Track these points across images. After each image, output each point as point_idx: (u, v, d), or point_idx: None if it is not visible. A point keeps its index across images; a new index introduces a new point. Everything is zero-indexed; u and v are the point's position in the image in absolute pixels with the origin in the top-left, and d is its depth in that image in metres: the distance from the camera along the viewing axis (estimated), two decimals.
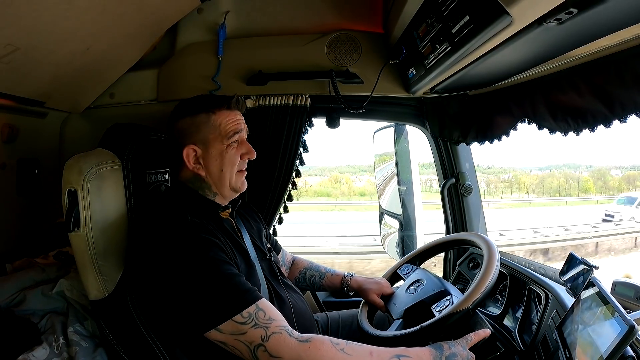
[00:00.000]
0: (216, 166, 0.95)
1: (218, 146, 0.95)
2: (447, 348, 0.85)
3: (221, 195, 0.99)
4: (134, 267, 0.89)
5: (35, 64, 1.06)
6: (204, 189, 0.98)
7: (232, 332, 0.77)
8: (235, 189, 0.99)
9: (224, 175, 0.96)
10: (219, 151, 0.95)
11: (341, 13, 1.43)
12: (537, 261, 1.28)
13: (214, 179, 0.97)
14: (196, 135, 0.94)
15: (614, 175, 32.50)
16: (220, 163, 0.95)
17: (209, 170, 0.96)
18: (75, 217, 0.88)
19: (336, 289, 1.25)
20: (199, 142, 0.94)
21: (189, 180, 0.98)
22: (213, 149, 0.95)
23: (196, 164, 0.95)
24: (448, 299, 1.00)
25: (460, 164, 1.53)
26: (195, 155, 0.95)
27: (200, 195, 0.98)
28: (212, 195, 0.99)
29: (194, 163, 0.95)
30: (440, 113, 1.45)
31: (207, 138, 0.94)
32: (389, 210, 2.03)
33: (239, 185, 1.00)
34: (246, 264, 0.94)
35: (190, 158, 0.94)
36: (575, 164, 34.23)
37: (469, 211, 1.54)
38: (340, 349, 0.79)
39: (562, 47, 0.86)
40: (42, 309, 1.05)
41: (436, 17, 0.93)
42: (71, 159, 0.92)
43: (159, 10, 1.19)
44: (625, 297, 1.00)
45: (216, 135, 0.95)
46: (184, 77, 1.43)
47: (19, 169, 1.32)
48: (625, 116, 0.80)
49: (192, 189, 0.98)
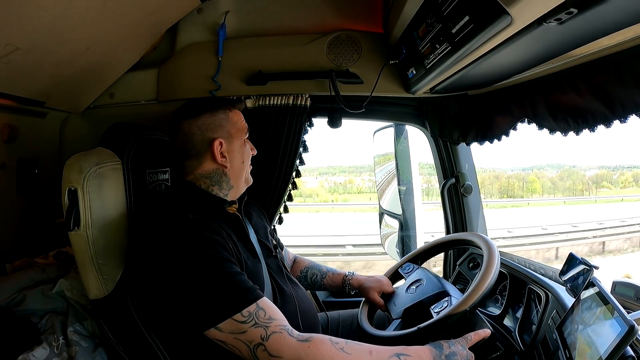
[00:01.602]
0: (239, 159, 1.01)
1: (239, 140, 1.01)
2: (447, 347, 0.85)
3: (236, 189, 1.02)
4: (134, 266, 0.89)
5: (35, 64, 1.06)
6: (221, 183, 0.99)
7: (231, 331, 0.77)
8: (247, 181, 1.05)
9: (244, 167, 1.02)
10: (240, 145, 1.01)
11: (341, 13, 1.43)
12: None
13: (235, 172, 1.00)
14: (220, 130, 0.98)
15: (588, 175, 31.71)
16: (242, 155, 1.01)
17: (233, 163, 0.99)
18: (75, 216, 0.88)
19: (337, 288, 1.26)
20: (224, 136, 0.98)
21: (206, 176, 0.97)
22: (236, 142, 1.00)
23: (222, 157, 0.98)
24: (447, 300, 1.00)
25: (460, 164, 1.53)
26: (221, 148, 0.97)
27: (209, 194, 0.97)
28: (228, 188, 1.00)
29: (221, 156, 0.97)
30: (440, 113, 1.45)
31: (230, 133, 0.99)
32: (389, 210, 2.03)
33: (249, 177, 1.06)
34: (252, 259, 0.94)
35: (218, 150, 0.97)
36: (559, 164, 33.74)
37: (469, 211, 1.54)
38: (340, 348, 0.80)
39: (562, 47, 0.86)
40: (42, 309, 1.05)
41: (436, 17, 0.93)
42: (71, 158, 0.92)
43: (159, 10, 1.19)
44: (625, 297, 0.99)
45: (236, 130, 1.00)
46: (184, 77, 1.43)
47: (19, 169, 1.33)
48: (626, 116, 0.80)
49: (201, 188, 0.97)
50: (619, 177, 30.10)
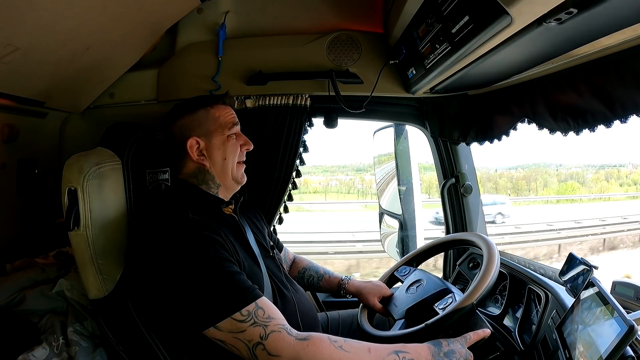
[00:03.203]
0: (219, 155, 0.99)
1: (219, 137, 0.99)
2: (446, 345, 0.85)
3: (224, 187, 1.01)
4: (134, 265, 0.89)
5: (35, 64, 1.06)
6: (207, 181, 0.99)
7: (231, 330, 0.77)
8: (236, 180, 1.02)
9: (227, 164, 1.00)
10: (221, 141, 0.99)
11: (341, 13, 1.43)
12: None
13: (218, 169, 0.99)
14: (198, 129, 0.98)
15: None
16: (224, 152, 0.99)
17: (213, 160, 0.98)
18: (75, 216, 0.88)
19: (333, 292, 1.25)
20: (201, 134, 0.98)
21: (192, 175, 0.99)
22: (215, 139, 0.99)
23: (200, 155, 0.98)
24: (450, 296, 1.00)
25: (460, 164, 1.53)
26: (198, 147, 0.98)
27: (202, 191, 0.98)
28: (216, 187, 1.00)
29: (197, 155, 0.97)
30: (440, 113, 1.45)
31: (208, 130, 0.98)
32: (389, 210, 2.03)
33: (240, 176, 1.03)
34: (251, 260, 0.94)
35: (194, 149, 0.97)
36: (546, 163, 33.24)
37: (469, 211, 1.54)
38: (339, 346, 0.80)
39: (562, 47, 0.86)
40: (42, 309, 1.05)
41: (436, 17, 0.93)
42: (71, 158, 0.92)
43: (159, 10, 1.19)
44: (625, 297, 0.99)
45: (217, 126, 0.99)
46: (184, 77, 1.42)
47: (19, 169, 1.32)
48: (626, 116, 0.80)
49: (194, 185, 0.99)
50: (594, 176, 29.68)
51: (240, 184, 1.04)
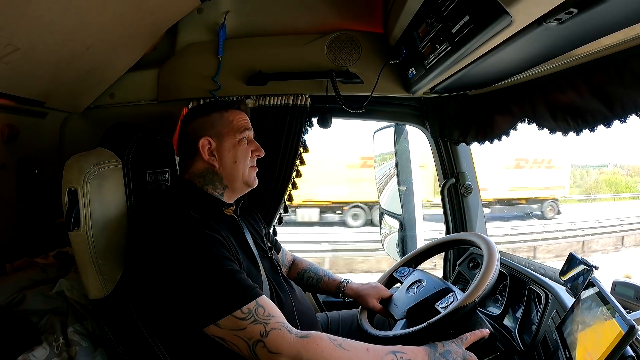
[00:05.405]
0: (230, 158, 0.99)
1: (231, 140, 1.00)
2: (441, 346, 0.87)
3: (231, 189, 1.02)
4: (134, 265, 0.89)
5: (35, 64, 1.06)
6: (214, 182, 0.99)
7: (231, 328, 0.78)
8: (247, 183, 1.03)
9: (237, 167, 1.00)
10: (232, 144, 1.00)
11: (341, 13, 1.43)
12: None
13: (227, 172, 1.00)
14: (211, 130, 0.99)
15: None
16: (234, 155, 1.00)
17: (222, 162, 0.99)
18: (75, 216, 0.88)
19: (331, 294, 1.25)
20: (214, 135, 0.99)
21: (199, 175, 0.99)
22: (227, 142, 0.99)
23: (210, 155, 0.98)
24: (452, 295, 1.00)
25: (460, 164, 1.53)
26: (209, 147, 0.98)
27: (205, 192, 0.99)
28: (222, 188, 1.00)
29: (208, 155, 0.98)
30: (440, 113, 1.45)
31: (221, 132, 0.99)
32: (389, 210, 2.03)
33: (252, 179, 1.04)
34: (249, 261, 0.94)
35: (205, 149, 0.98)
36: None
37: (469, 211, 1.54)
38: (338, 344, 0.80)
39: (562, 47, 0.86)
40: (42, 309, 1.05)
41: (436, 17, 0.93)
42: (71, 159, 0.92)
43: (159, 10, 1.19)
44: (625, 297, 0.99)
45: (229, 129, 1.00)
46: (184, 77, 1.42)
47: (19, 169, 1.33)
48: (626, 116, 0.80)
49: (197, 186, 0.99)
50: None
51: (250, 187, 1.04)
